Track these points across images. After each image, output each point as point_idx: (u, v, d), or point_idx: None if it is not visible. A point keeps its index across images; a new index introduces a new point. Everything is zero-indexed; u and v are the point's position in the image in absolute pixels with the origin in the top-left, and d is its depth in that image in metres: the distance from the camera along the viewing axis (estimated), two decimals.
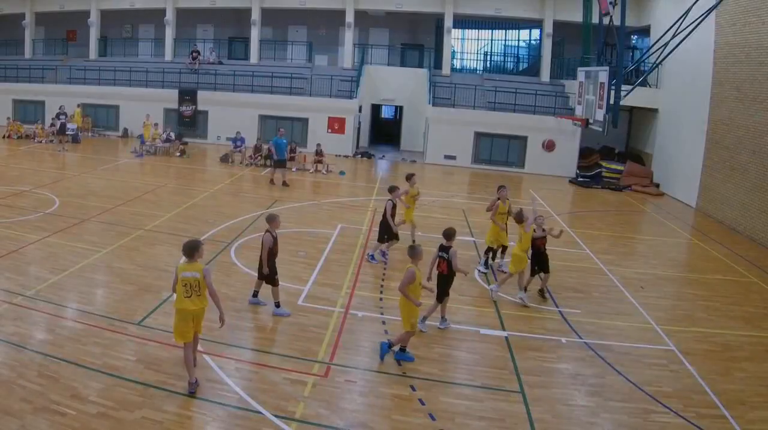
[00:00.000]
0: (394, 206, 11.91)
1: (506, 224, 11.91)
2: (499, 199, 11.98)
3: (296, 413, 6.65)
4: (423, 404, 7.02)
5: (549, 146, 18.71)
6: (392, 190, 12.06)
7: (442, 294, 9.05)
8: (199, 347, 7.90)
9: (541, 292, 10.67)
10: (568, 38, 28.45)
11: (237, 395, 6.88)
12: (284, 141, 19.38)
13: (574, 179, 23.88)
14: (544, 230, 10.44)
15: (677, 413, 7.13)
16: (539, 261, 10.34)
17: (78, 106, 26.60)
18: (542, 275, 10.44)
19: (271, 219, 8.98)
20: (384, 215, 11.81)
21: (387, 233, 11.87)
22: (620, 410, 7.17)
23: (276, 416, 6.53)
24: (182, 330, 6.86)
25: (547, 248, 10.48)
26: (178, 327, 6.87)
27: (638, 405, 7.29)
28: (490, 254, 12.01)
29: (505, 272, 11.05)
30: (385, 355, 8.00)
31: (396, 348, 8.09)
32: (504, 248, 12.08)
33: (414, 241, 11.89)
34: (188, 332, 6.88)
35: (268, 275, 9.03)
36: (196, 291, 6.81)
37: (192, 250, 6.90)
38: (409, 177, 13.35)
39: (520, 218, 10.35)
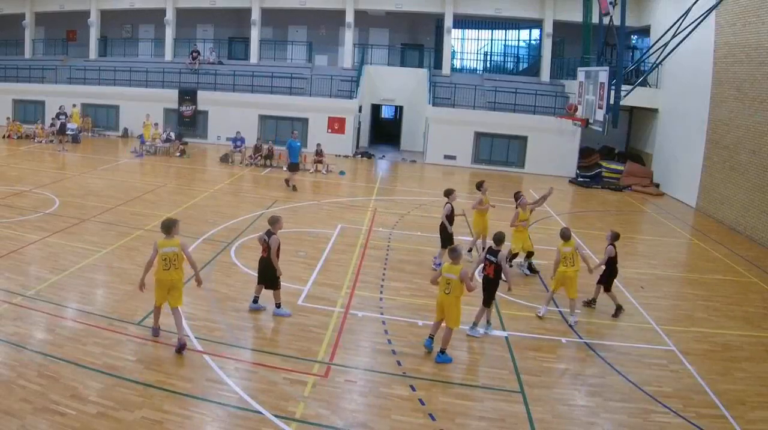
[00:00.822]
0: (452, 210, 11.64)
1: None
2: (518, 207, 11.77)
3: (296, 413, 6.65)
4: (423, 404, 7.02)
5: (570, 109, 18.29)
6: (449, 193, 11.79)
7: (490, 299, 8.97)
8: (199, 347, 7.93)
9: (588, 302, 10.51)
10: (568, 38, 28.46)
11: (237, 395, 6.88)
12: (298, 144, 18.91)
13: (574, 179, 23.88)
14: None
15: (677, 413, 7.13)
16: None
17: (74, 105, 26.57)
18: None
19: (275, 221, 8.93)
20: (445, 218, 11.58)
21: (447, 237, 11.54)
22: (620, 410, 7.18)
23: (276, 416, 6.53)
24: (158, 296, 7.94)
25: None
26: (156, 293, 7.93)
27: (638, 405, 7.29)
28: (523, 258, 11.92)
29: (528, 274, 11.34)
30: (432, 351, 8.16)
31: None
32: (530, 254, 11.80)
33: (483, 248, 11.69)
34: (162, 298, 7.92)
35: (277, 278, 8.90)
36: (174, 264, 7.74)
37: (170, 227, 7.86)
38: (480, 185, 12.70)
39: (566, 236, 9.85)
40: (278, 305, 9.15)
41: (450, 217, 11.57)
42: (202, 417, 6.47)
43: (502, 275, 8.93)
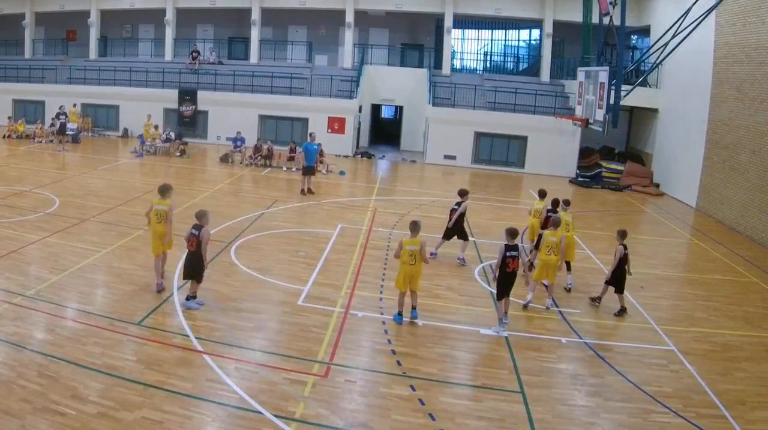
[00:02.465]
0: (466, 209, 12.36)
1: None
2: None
3: (296, 413, 6.65)
4: (423, 404, 7.02)
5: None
6: (464, 193, 12.42)
7: (507, 292, 9.22)
8: (199, 347, 7.93)
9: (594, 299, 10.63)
10: (568, 38, 28.46)
11: (237, 395, 6.88)
12: (315, 147, 18.37)
13: (574, 179, 23.88)
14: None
15: (677, 413, 7.13)
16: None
17: (74, 105, 26.56)
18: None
19: (203, 215, 9.14)
20: (460, 216, 12.10)
21: (461, 230, 12.30)
22: (620, 410, 7.18)
23: (276, 416, 6.53)
24: (155, 246, 9.71)
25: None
26: (152, 244, 9.77)
27: (638, 405, 7.29)
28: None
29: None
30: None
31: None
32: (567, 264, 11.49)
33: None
34: (159, 248, 9.69)
35: (202, 271, 9.15)
36: (164, 219, 9.67)
37: (165, 190, 9.89)
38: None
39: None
40: (191, 298, 9.18)
41: (462, 215, 12.20)
42: (202, 417, 6.47)
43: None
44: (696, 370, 8.26)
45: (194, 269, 9.14)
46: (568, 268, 11.36)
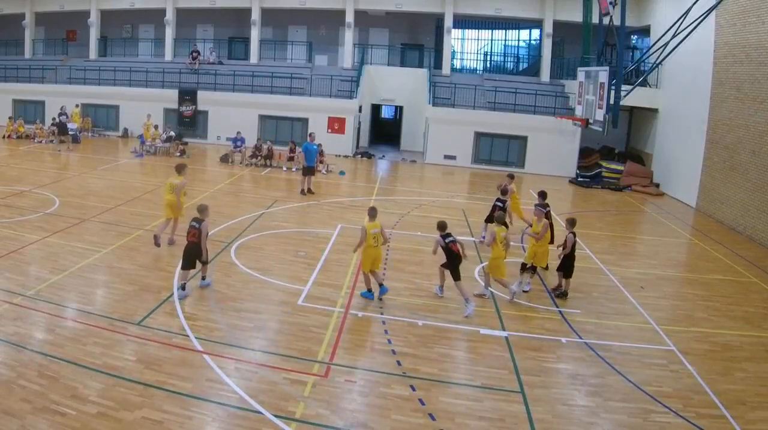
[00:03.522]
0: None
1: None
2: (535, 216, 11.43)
3: (296, 413, 6.65)
4: (423, 404, 7.02)
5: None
6: (505, 191, 13.32)
7: (458, 276, 9.91)
8: (199, 347, 7.94)
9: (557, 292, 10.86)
10: (568, 38, 28.46)
11: (237, 395, 6.88)
12: (315, 147, 18.37)
13: (574, 179, 23.88)
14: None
15: (677, 413, 7.13)
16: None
17: (76, 105, 26.59)
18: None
19: (204, 209, 9.86)
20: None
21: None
22: (620, 410, 7.17)
23: (276, 416, 6.53)
24: (165, 212, 12.01)
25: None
26: (165, 211, 12.06)
27: (638, 405, 7.29)
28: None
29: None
30: None
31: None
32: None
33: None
34: (167, 214, 11.98)
35: (201, 256, 9.77)
36: (175, 190, 11.81)
37: (180, 168, 12.17)
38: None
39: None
40: (204, 278, 10.05)
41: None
42: (202, 417, 6.47)
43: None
44: (696, 370, 8.26)
45: (192, 259, 9.69)
46: (533, 270, 11.09)
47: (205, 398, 6.81)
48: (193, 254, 9.66)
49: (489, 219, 13.63)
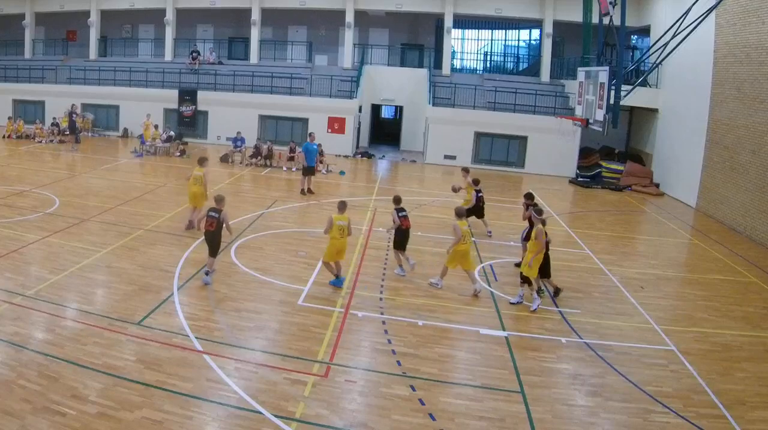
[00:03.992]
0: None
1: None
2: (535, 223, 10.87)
3: (296, 413, 6.65)
4: (423, 404, 7.02)
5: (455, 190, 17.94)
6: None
7: (400, 246, 11.22)
8: (199, 347, 7.93)
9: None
10: (568, 38, 28.47)
11: (237, 395, 6.88)
12: (315, 147, 18.32)
13: (574, 179, 23.88)
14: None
15: (677, 413, 7.13)
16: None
17: (72, 105, 26.53)
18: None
19: (221, 199, 10.33)
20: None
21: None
22: (620, 410, 7.17)
23: (276, 416, 6.54)
24: (190, 201, 13.20)
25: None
26: (190, 201, 13.20)
27: (638, 405, 7.29)
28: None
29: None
30: None
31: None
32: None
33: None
34: (192, 203, 13.09)
35: (218, 247, 10.32)
36: (199, 181, 12.85)
37: (202, 160, 13.36)
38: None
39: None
40: (207, 273, 10.32)
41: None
42: (202, 417, 6.47)
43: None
44: (696, 370, 8.26)
45: (214, 246, 10.24)
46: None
47: (205, 398, 6.81)
48: (213, 242, 10.20)
49: (476, 214, 14.55)
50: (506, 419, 6.85)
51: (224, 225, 10.20)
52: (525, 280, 10.15)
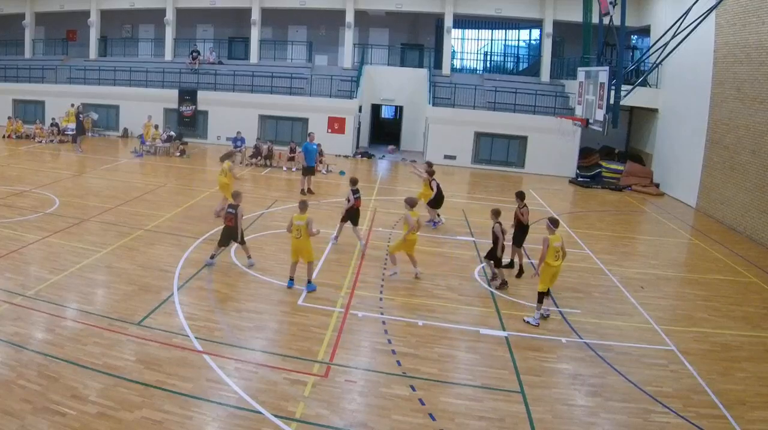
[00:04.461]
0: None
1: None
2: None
3: (296, 413, 6.65)
4: (423, 404, 7.02)
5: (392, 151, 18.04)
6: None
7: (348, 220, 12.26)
8: (199, 347, 7.93)
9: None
10: (568, 38, 28.46)
11: (237, 395, 6.88)
12: (315, 147, 18.28)
13: (574, 179, 23.88)
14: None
15: (677, 413, 7.13)
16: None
17: (72, 105, 26.57)
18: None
19: (238, 195, 11.00)
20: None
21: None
22: (620, 410, 7.17)
23: (276, 416, 6.53)
24: (222, 192, 14.44)
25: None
26: (220, 190, 14.64)
27: (638, 405, 7.29)
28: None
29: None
30: None
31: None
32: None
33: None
34: (223, 193, 14.25)
35: (238, 237, 10.89)
36: (224, 174, 14.35)
37: (227, 156, 15.05)
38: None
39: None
40: (249, 257, 11.19)
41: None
42: (202, 417, 6.47)
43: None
44: (696, 370, 8.26)
45: (228, 239, 10.85)
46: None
47: (205, 398, 6.81)
48: (230, 236, 10.79)
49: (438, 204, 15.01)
50: (506, 419, 6.85)
51: (238, 220, 10.63)
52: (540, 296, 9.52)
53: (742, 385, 7.98)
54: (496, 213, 10.98)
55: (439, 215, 15.30)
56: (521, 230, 11.79)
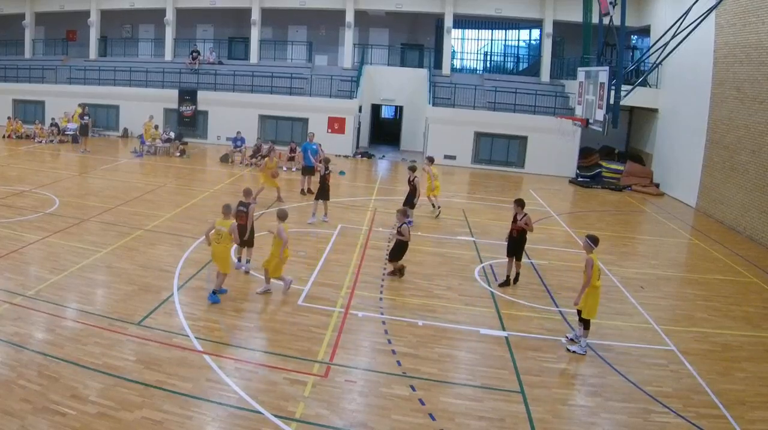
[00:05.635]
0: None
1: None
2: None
3: (296, 413, 6.65)
4: (423, 404, 7.02)
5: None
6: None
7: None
8: (199, 347, 7.94)
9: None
10: (568, 38, 28.46)
11: (237, 395, 6.88)
12: (314, 146, 18.18)
13: (574, 179, 23.88)
14: None
15: (677, 413, 7.13)
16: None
17: (79, 105, 26.57)
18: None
19: (249, 192, 10.77)
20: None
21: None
22: (620, 410, 7.17)
23: (276, 416, 6.53)
24: (267, 185, 16.09)
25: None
26: (265, 182, 15.99)
27: (638, 405, 7.29)
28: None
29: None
30: None
31: None
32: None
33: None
34: (271, 185, 16.10)
35: (253, 238, 10.81)
36: (265, 166, 16.14)
37: (268, 151, 16.95)
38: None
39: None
40: (248, 261, 10.92)
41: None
42: (202, 417, 6.47)
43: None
44: (696, 370, 8.26)
45: (243, 237, 10.41)
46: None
47: (205, 398, 6.81)
48: (242, 234, 10.37)
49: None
50: (506, 419, 6.85)
51: (249, 217, 10.51)
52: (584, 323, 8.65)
53: (742, 385, 7.98)
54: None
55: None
56: (522, 240, 10.95)
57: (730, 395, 7.62)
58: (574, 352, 8.56)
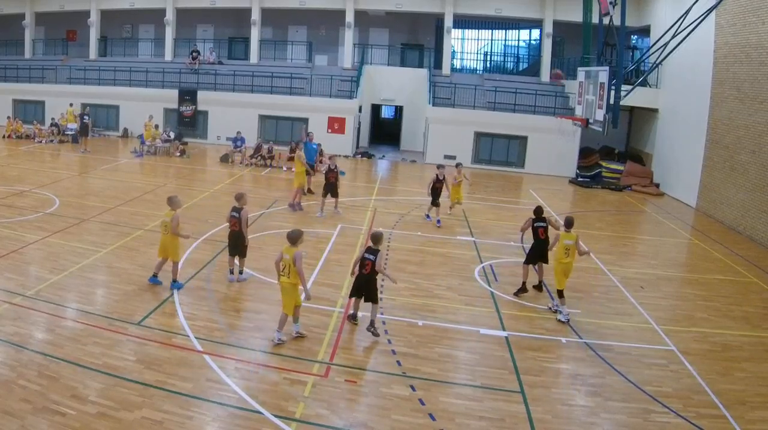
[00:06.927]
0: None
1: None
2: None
3: (296, 413, 6.65)
4: (423, 404, 7.02)
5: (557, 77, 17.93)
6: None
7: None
8: (199, 347, 7.94)
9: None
10: (568, 38, 28.47)
11: (237, 395, 6.88)
12: (315, 146, 18.35)
13: (574, 179, 23.88)
14: None
15: (677, 413, 7.13)
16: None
17: (71, 105, 26.55)
18: None
19: (241, 197, 10.22)
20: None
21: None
22: (620, 410, 7.18)
23: (276, 416, 6.53)
24: (298, 181, 15.80)
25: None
26: (297, 177, 15.78)
27: (638, 405, 7.29)
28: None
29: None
30: None
31: None
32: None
33: None
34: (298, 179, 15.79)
35: (245, 247, 10.30)
36: (292, 166, 15.98)
37: (296, 146, 17.05)
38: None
39: None
40: (241, 272, 10.45)
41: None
42: (202, 417, 6.47)
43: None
44: (696, 370, 8.26)
45: (236, 247, 10.18)
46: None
47: (205, 398, 6.81)
48: (237, 242, 10.13)
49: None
50: (506, 419, 6.85)
51: (242, 223, 10.07)
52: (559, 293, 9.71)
53: (742, 385, 7.99)
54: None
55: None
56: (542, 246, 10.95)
57: (730, 395, 7.62)
58: (560, 320, 9.57)
